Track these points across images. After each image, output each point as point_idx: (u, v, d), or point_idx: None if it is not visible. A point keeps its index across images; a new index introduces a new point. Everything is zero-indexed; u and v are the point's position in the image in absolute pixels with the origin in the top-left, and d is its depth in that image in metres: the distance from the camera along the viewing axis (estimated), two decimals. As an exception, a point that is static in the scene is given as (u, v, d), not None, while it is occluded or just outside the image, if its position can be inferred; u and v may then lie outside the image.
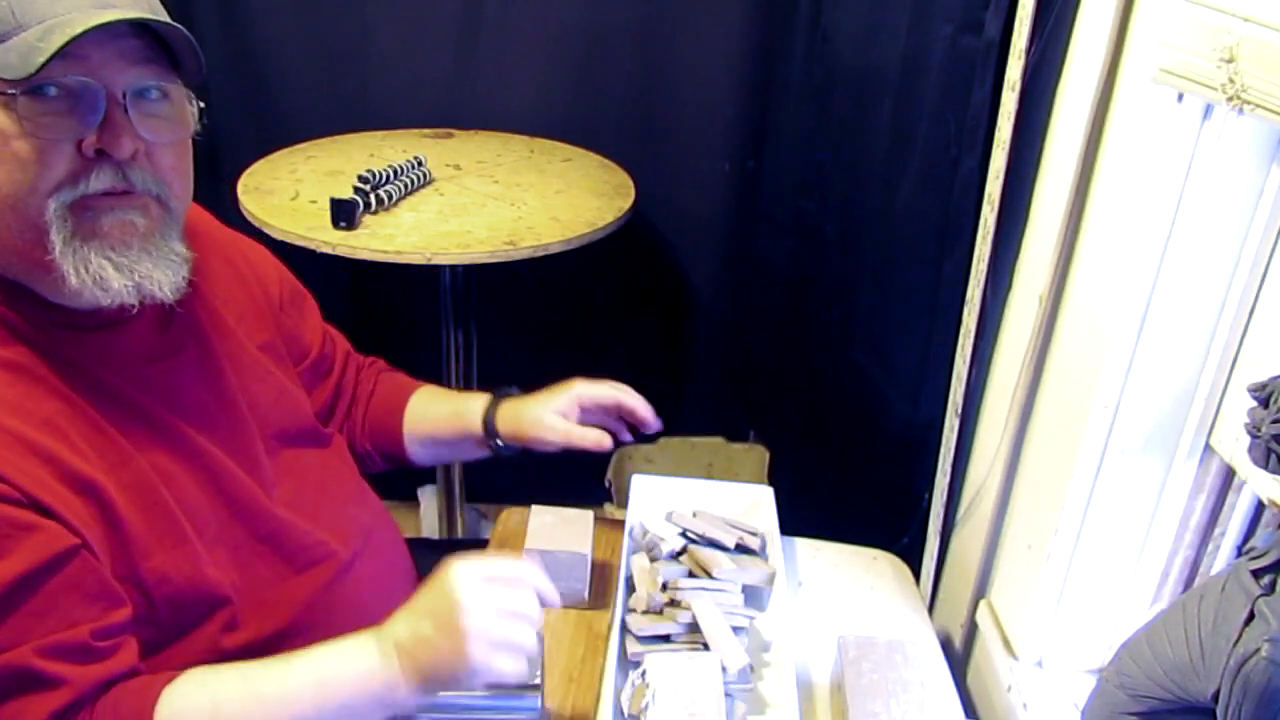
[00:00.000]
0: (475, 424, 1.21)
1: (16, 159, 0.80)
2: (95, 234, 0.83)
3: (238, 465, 0.96)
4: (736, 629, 1.12)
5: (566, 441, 1.17)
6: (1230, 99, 0.88)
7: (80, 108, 0.81)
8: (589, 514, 1.25)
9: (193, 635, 0.90)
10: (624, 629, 1.12)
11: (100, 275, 0.82)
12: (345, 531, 1.06)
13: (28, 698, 0.77)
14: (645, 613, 1.14)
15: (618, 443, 1.20)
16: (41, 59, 0.76)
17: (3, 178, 0.80)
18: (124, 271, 0.84)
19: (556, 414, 1.18)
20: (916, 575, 1.48)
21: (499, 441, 1.20)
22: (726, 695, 1.04)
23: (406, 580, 1.16)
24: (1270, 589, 0.76)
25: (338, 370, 1.24)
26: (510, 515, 1.39)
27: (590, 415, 1.21)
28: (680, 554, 1.23)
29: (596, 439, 1.16)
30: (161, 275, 0.86)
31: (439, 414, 1.25)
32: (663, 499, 1.32)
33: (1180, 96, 1.02)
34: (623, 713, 1.03)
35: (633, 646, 1.10)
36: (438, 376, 1.95)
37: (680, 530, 1.25)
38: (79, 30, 0.77)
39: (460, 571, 0.85)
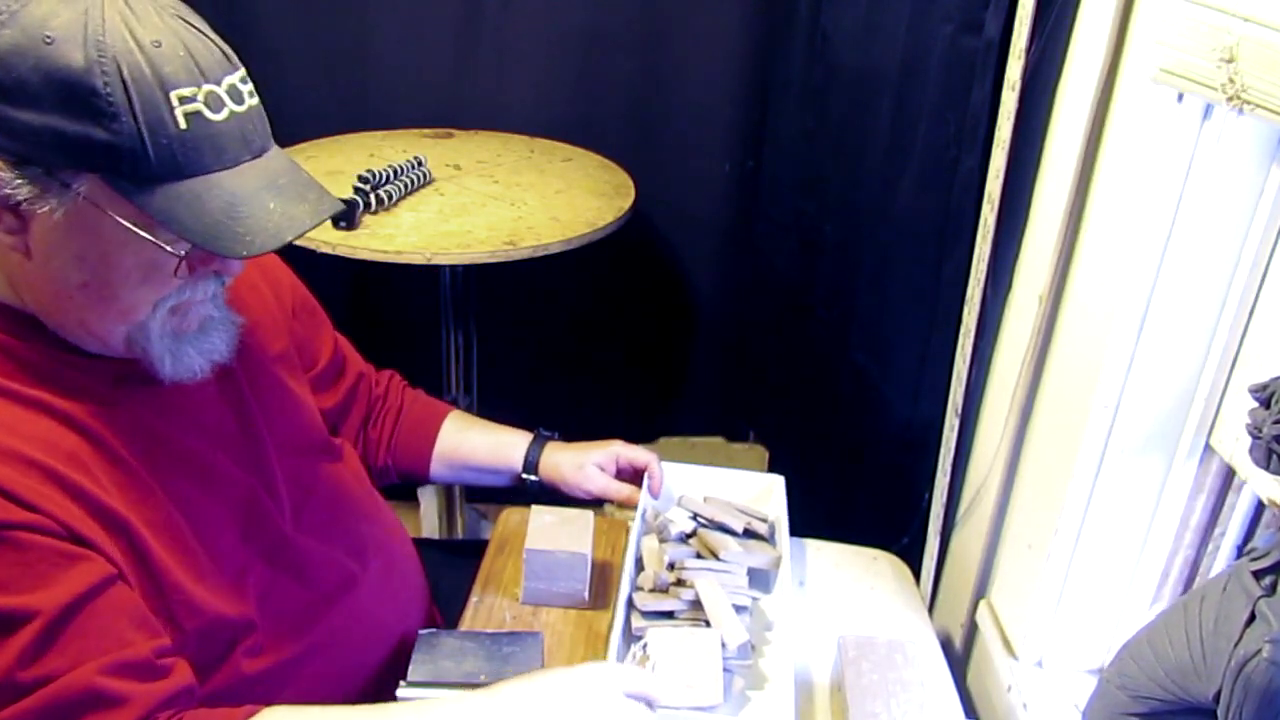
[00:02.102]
0: (516, 460, 1.29)
1: (150, 284, 0.82)
2: (187, 329, 0.87)
3: (256, 485, 0.95)
4: (739, 608, 1.13)
5: (603, 494, 1.28)
6: (1230, 99, 0.88)
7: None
8: (589, 514, 1.25)
9: (216, 663, 0.89)
10: (630, 605, 1.14)
11: (189, 365, 0.88)
12: (361, 549, 1.06)
13: (92, 718, 0.76)
14: (652, 591, 1.15)
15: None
16: (242, 251, 0.77)
17: (126, 293, 0.81)
18: (204, 354, 0.89)
19: (595, 468, 1.28)
20: (916, 575, 1.48)
21: (533, 479, 1.29)
22: (726, 670, 1.05)
23: (419, 591, 1.17)
24: (1271, 590, 0.76)
25: (349, 379, 1.24)
26: (510, 515, 1.39)
27: (622, 474, 1.32)
28: (689, 537, 1.24)
29: (629, 495, 1.29)
30: (225, 345, 0.91)
31: (479, 443, 1.31)
32: (675, 484, 1.34)
33: (1180, 96, 1.02)
34: None
35: (637, 621, 1.12)
36: (438, 376, 1.95)
37: (691, 514, 1.26)
38: (273, 245, 0.78)
39: (602, 677, 0.90)
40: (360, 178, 1.66)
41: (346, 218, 1.58)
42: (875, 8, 1.63)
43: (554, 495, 1.30)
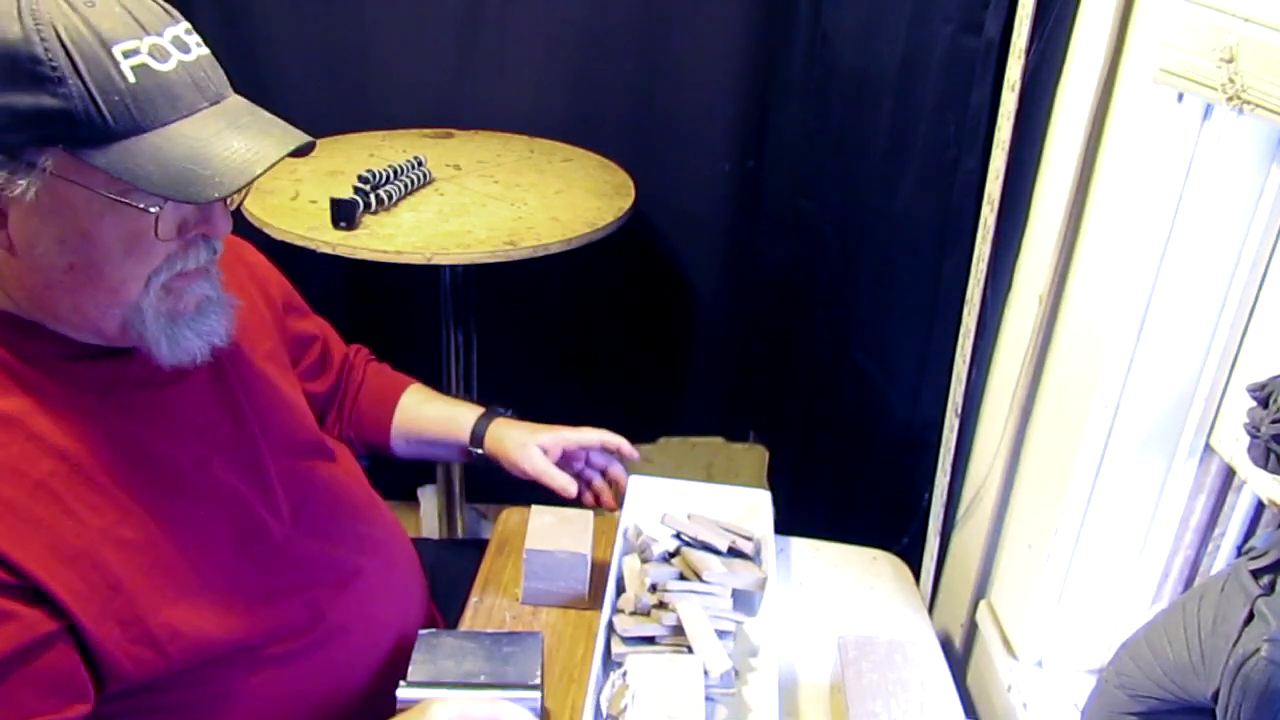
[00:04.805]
0: (464, 433, 1.28)
1: (134, 255, 0.80)
2: (183, 311, 0.86)
3: (250, 490, 0.94)
4: (722, 633, 1.11)
5: (537, 477, 1.25)
6: (1230, 99, 0.88)
7: (204, 209, 0.83)
8: (589, 514, 1.25)
9: (209, 675, 0.88)
10: (610, 629, 1.12)
11: (188, 348, 0.86)
12: (360, 548, 1.06)
13: None
14: (633, 614, 1.13)
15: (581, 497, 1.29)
16: (213, 193, 0.76)
17: (113, 268, 0.80)
18: (202, 337, 0.87)
19: (538, 449, 1.25)
20: (916, 575, 1.48)
21: (479, 452, 1.27)
22: (707, 699, 1.03)
23: (419, 590, 1.16)
24: (1270, 589, 0.76)
25: (336, 366, 1.25)
26: (510, 515, 1.39)
27: (574, 461, 1.29)
28: (673, 556, 1.22)
29: (564, 484, 1.24)
30: (223, 327, 0.90)
31: (431, 415, 1.30)
32: (659, 501, 1.32)
33: (1180, 96, 1.02)
34: (602, 713, 1.02)
35: (617, 647, 1.10)
36: (438, 376, 1.95)
37: (674, 532, 1.24)
38: (242, 181, 0.77)
39: (440, 713, 0.87)
40: (360, 178, 1.66)
41: (347, 218, 1.58)
42: (875, 8, 1.63)
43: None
